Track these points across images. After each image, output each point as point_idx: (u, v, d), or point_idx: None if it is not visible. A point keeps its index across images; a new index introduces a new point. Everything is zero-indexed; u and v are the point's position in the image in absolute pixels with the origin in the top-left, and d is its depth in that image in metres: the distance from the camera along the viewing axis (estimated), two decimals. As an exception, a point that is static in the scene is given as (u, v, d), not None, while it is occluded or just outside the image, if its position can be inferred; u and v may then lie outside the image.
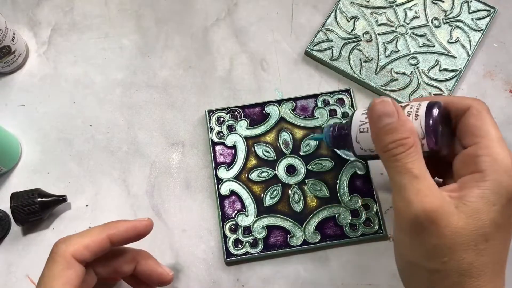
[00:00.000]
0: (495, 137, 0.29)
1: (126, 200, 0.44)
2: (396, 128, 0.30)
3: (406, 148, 0.29)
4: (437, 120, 0.31)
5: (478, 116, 0.31)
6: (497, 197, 0.28)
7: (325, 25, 0.49)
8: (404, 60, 0.47)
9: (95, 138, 0.46)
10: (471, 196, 0.28)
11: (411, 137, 0.29)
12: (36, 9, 0.52)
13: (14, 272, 0.41)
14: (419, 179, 0.28)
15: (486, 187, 0.28)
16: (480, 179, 0.28)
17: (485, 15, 0.49)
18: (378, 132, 0.31)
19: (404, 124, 0.30)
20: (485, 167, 0.28)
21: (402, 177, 0.29)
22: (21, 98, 0.48)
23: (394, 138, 0.30)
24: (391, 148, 0.30)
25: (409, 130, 0.30)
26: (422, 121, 0.31)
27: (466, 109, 0.31)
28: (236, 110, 0.46)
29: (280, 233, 0.41)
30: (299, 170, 0.43)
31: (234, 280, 0.41)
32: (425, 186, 0.28)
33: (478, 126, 0.30)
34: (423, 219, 0.28)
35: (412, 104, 0.32)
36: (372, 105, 0.32)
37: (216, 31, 0.50)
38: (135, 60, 0.49)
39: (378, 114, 0.31)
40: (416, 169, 0.29)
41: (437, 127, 0.31)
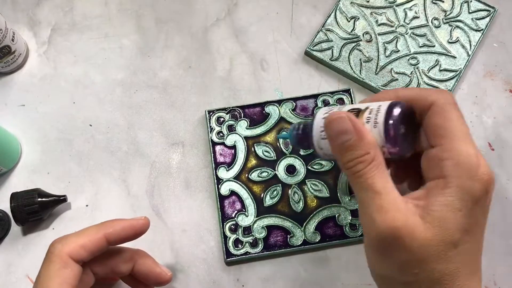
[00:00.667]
0: (458, 136, 0.28)
1: (126, 200, 0.44)
2: (354, 146, 0.29)
3: (366, 165, 0.29)
4: (397, 125, 0.29)
5: (441, 114, 0.29)
6: (462, 202, 0.27)
7: (325, 25, 0.49)
8: (404, 60, 0.47)
9: (95, 138, 0.46)
10: (436, 204, 0.27)
11: (370, 151, 0.29)
12: (36, 9, 0.52)
13: (14, 272, 0.41)
14: (380, 194, 0.28)
15: (450, 194, 0.27)
16: (444, 185, 0.28)
17: (485, 15, 0.49)
18: (337, 149, 0.30)
19: (362, 139, 0.29)
20: (448, 172, 0.28)
21: (364, 193, 0.29)
22: (21, 98, 0.48)
23: (352, 156, 0.29)
24: (350, 166, 0.29)
25: (367, 145, 0.29)
26: (381, 128, 0.29)
27: (429, 106, 0.30)
28: (236, 110, 0.46)
29: (280, 233, 0.41)
30: (299, 170, 0.43)
31: (234, 280, 0.41)
32: (387, 201, 0.28)
33: (440, 125, 0.29)
34: (388, 236, 0.27)
35: (372, 107, 0.31)
36: (327, 121, 0.31)
37: (216, 31, 0.50)
38: (135, 60, 0.49)
39: (334, 132, 0.30)
40: (377, 184, 0.28)
41: (397, 133, 0.29)
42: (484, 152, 0.44)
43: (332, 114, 0.31)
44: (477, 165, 0.27)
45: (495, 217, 0.42)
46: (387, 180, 0.28)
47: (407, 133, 0.30)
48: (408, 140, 0.30)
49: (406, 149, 0.30)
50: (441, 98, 0.30)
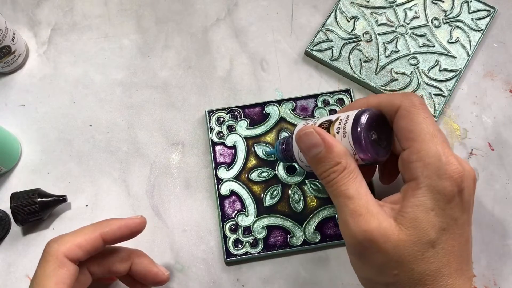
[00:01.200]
0: (425, 138, 0.29)
1: (126, 200, 0.44)
2: (324, 157, 0.30)
3: (338, 174, 0.30)
4: (364, 133, 0.30)
5: (407, 116, 0.30)
6: (433, 201, 0.28)
7: (325, 25, 0.49)
8: (404, 60, 0.47)
9: (95, 138, 0.46)
10: (408, 206, 0.28)
11: (341, 161, 0.30)
12: (36, 9, 0.52)
13: (14, 272, 0.41)
14: (353, 199, 0.29)
15: (421, 195, 0.28)
16: (415, 186, 0.28)
17: (485, 15, 0.49)
18: (310, 161, 0.32)
19: (331, 151, 0.30)
20: (418, 173, 0.28)
21: (338, 199, 0.30)
22: (21, 98, 0.48)
23: (325, 167, 0.30)
24: (324, 176, 0.31)
25: (337, 155, 0.30)
26: (350, 137, 0.31)
27: (396, 110, 0.31)
28: (236, 110, 0.46)
29: (280, 233, 0.41)
30: (299, 170, 0.43)
31: (234, 280, 0.41)
32: (360, 205, 0.29)
33: (407, 127, 0.30)
34: (362, 240, 0.28)
35: (342, 118, 0.32)
36: (297, 137, 0.32)
37: (216, 31, 0.50)
38: (135, 60, 0.49)
39: (305, 146, 0.32)
40: (350, 190, 0.29)
41: (365, 140, 0.30)
42: (484, 152, 0.45)
43: (301, 129, 0.32)
44: (445, 163, 0.28)
45: (495, 217, 0.42)
46: (360, 186, 0.29)
47: (380, 139, 0.31)
48: (380, 145, 0.31)
49: (378, 154, 0.31)
50: (406, 101, 0.31)
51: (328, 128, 0.32)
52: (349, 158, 0.30)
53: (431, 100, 0.45)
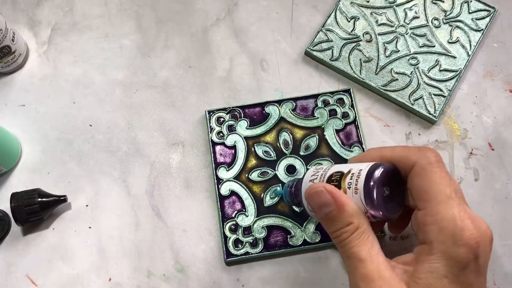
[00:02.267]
0: (441, 200, 0.28)
1: (126, 200, 0.44)
2: (336, 217, 0.29)
3: (349, 234, 0.29)
4: (377, 190, 0.29)
5: (422, 175, 0.29)
6: (448, 268, 0.27)
7: (325, 25, 0.49)
8: (404, 60, 0.47)
9: (95, 138, 0.46)
10: (421, 272, 0.27)
11: (353, 221, 0.29)
12: (36, 9, 0.52)
13: (14, 272, 0.41)
14: (364, 262, 0.28)
15: (435, 261, 0.27)
16: (429, 251, 0.28)
17: (485, 15, 0.49)
18: (321, 220, 0.31)
19: (343, 211, 0.29)
20: (432, 238, 0.28)
21: (349, 261, 0.29)
22: (21, 98, 0.48)
23: (336, 227, 0.30)
24: (336, 236, 0.30)
25: (349, 216, 0.29)
26: (362, 195, 0.29)
27: (411, 166, 0.30)
28: (236, 110, 0.46)
29: (280, 233, 0.41)
30: (299, 170, 0.43)
31: (234, 280, 0.41)
32: (372, 269, 0.28)
33: (422, 187, 0.29)
34: None
35: (354, 171, 0.30)
36: (307, 195, 0.31)
37: (216, 31, 0.50)
38: (135, 60, 0.49)
39: (315, 205, 0.31)
40: (362, 252, 0.28)
41: (378, 198, 0.29)
42: (484, 152, 0.44)
43: (311, 187, 0.31)
44: (461, 229, 0.27)
45: (495, 217, 0.42)
46: (372, 247, 0.29)
47: (392, 195, 0.30)
48: (393, 201, 0.30)
49: (390, 211, 0.30)
50: (422, 158, 0.29)
51: (339, 181, 0.31)
52: (361, 218, 0.29)
53: (431, 100, 0.45)
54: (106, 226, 0.43)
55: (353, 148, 0.44)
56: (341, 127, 0.45)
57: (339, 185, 0.31)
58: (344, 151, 0.44)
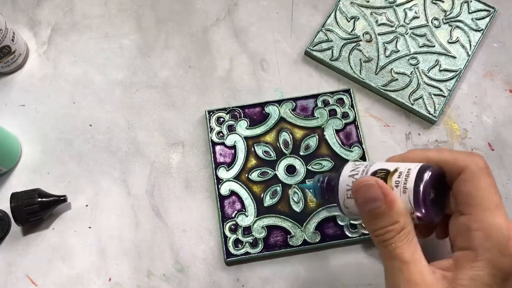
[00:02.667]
0: (489, 206, 0.27)
1: (126, 200, 0.44)
2: (382, 214, 0.28)
3: (394, 234, 0.28)
4: (427, 192, 0.28)
5: (472, 182, 0.28)
6: (492, 278, 0.26)
7: (325, 25, 0.49)
8: (404, 60, 0.47)
9: (95, 138, 0.46)
10: (463, 279, 0.27)
11: (400, 220, 0.28)
12: (36, 9, 0.52)
13: (14, 272, 0.41)
14: (408, 264, 0.27)
15: (479, 269, 0.26)
16: (472, 258, 0.27)
17: (485, 15, 0.49)
18: (365, 216, 0.30)
19: (392, 208, 0.28)
20: (477, 245, 0.27)
21: (392, 262, 0.28)
22: (21, 98, 0.48)
23: (381, 225, 0.29)
24: (379, 234, 0.29)
25: (396, 214, 0.28)
26: (411, 196, 0.29)
27: (460, 171, 0.29)
28: (236, 110, 0.46)
29: (280, 233, 0.41)
30: (299, 170, 0.43)
31: (234, 280, 0.41)
32: (415, 272, 0.27)
33: (470, 193, 0.28)
34: None
35: (401, 170, 0.30)
36: (355, 187, 0.30)
37: (216, 31, 0.50)
38: (135, 60, 0.49)
39: (363, 199, 0.29)
40: (406, 254, 0.28)
41: (427, 201, 0.28)
42: (484, 152, 0.44)
43: (361, 180, 0.30)
44: (508, 239, 0.26)
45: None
46: (415, 250, 0.28)
47: (437, 198, 0.29)
48: (438, 205, 0.30)
49: (436, 215, 0.29)
50: (472, 163, 0.29)
51: (385, 179, 0.30)
52: (408, 218, 0.29)
53: (431, 100, 0.45)
54: (106, 226, 0.43)
55: (353, 148, 0.44)
56: (341, 127, 0.45)
57: (385, 182, 0.30)
58: (344, 151, 0.44)
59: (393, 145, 0.45)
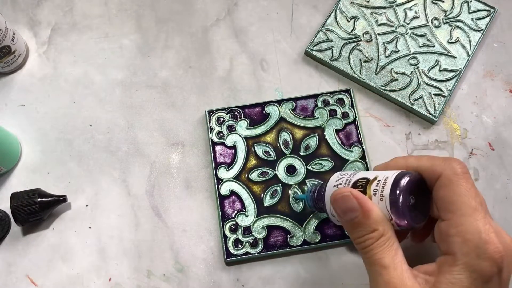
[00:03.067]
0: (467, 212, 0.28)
1: (126, 200, 0.44)
2: (360, 223, 0.29)
3: (374, 241, 0.29)
4: (402, 199, 0.29)
5: (448, 186, 0.29)
6: (470, 280, 0.27)
7: (325, 25, 0.49)
8: (404, 60, 0.47)
9: (95, 138, 0.46)
10: (443, 282, 0.27)
11: (378, 228, 0.29)
12: (36, 9, 0.52)
13: (14, 272, 0.41)
14: (388, 269, 0.28)
15: (458, 273, 0.27)
16: (452, 263, 0.27)
17: (485, 15, 0.49)
18: (345, 225, 0.31)
19: (368, 217, 0.29)
20: (456, 249, 0.27)
21: (372, 267, 0.29)
22: (21, 98, 0.48)
23: (361, 233, 0.30)
24: (359, 242, 0.30)
25: (374, 222, 0.29)
26: (387, 202, 0.29)
27: (437, 177, 0.30)
28: (236, 110, 0.46)
29: (280, 233, 0.41)
30: (299, 170, 0.43)
31: (234, 280, 0.41)
32: (395, 276, 0.28)
33: (447, 198, 0.29)
34: None
35: (380, 178, 0.30)
36: (332, 199, 0.31)
37: (216, 31, 0.50)
38: (135, 60, 0.49)
39: (340, 210, 0.31)
40: (386, 259, 0.28)
41: (403, 207, 0.29)
42: (484, 152, 0.44)
43: (337, 191, 0.31)
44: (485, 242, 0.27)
45: (495, 217, 0.42)
46: (396, 255, 0.29)
47: (417, 204, 0.30)
48: (418, 210, 0.30)
49: (415, 221, 0.30)
50: (448, 169, 0.29)
51: (365, 188, 0.31)
52: (386, 225, 0.29)
53: (431, 100, 0.45)
54: (106, 226, 0.43)
55: (353, 148, 0.44)
56: (341, 127, 0.45)
57: (365, 191, 0.31)
58: (344, 151, 0.44)
59: (393, 145, 0.45)
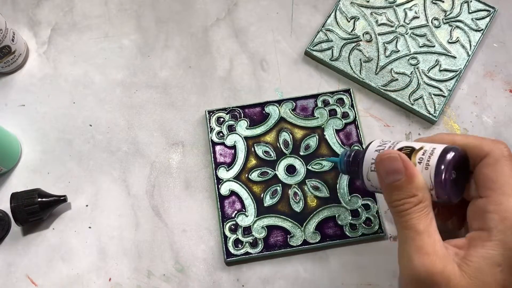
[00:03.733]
0: (508, 191, 0.28)
1: (126, 200, 0.44)
2: (402, 186, 0.30)
3: (412, 206, 0.29)
4: (448, 171, 0.29)
5: (494, 166, 0.29)
6: (503, 258, 0.27)
7: (325, 25, 0.49)
8: (404, 60, 0.47)
9: (95, 138, 0.46)
10: (474, 256, 0.27)
11: (418, 194, 0.29)
12: (36, 9, 0.52)
13: (14, 272, 0.41)
14: (421, 235, 0.28)
15: (491, 248, 0.27)
16: (486, 238, 0.28)
17: (485, 15, 0.49)
18: (385, 187, 0.31)
19: (412, 181, 0.29)
20: (492, 226, 0.28)
21: (405, 232, 0.29)
22: (21, 98, 0.48)
23: (400, 197, 0.30)
24: (397, 205, 0.30)
25: (415, 187, 0.29)
26: (432, 172, 0.30)
27: (483, 156, 0.30)
28: (236, 110, 0.46)
29: (280, 233, 0.41)
30: (299, 170, 0.43)
31: (234, 280, 0.41)
32: (428, 242, 0.28)
33: (491, 178, 0.29)
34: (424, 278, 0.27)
35: (426, 148, 0.31)
36: (378, 159, 0.31)
37: (216, 31, 0.50)
38: (135, 60, 0.49)
39: (384, 170, 0.30)
40: (421, 225, 0.28)
41: (447, 179, 0.29)
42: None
43: (385, 152, 0.31)
44: None
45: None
46: (430, 223, 0.29)
47: (457, 179, 0.30)
48: (457, 186, 0.30)
49: (454, 195, 0.30)
50: (496, 149, 0.29)
51: (410, 155, 0.31)
52: (426, 193, 0.29)
53: (431, 100, 0.45)
54: (106, 226, 0.43)
55: (353, 148, 0.44)
56: (341, 127, 0.45)
57: (409, 158, 0.31)
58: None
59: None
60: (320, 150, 0.44)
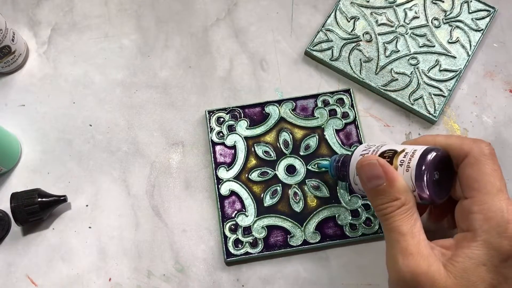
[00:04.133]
0: (491, 191, 0.28)
1: (126, 200, 0.44)
2: (384, 191, 0.30)
3: (395, 209, 0.29)
4: (428, 172, 0.29)
5: (475, 166, 0.29)
6: (488, 257, 0.27)
7: (325, 25, 0.49)
8: (404, 60, 0.47)
9: (95, 138, 0.46)
10: (460, 256, 0.28)
11: (400, 197, 0.29)
12: (36, 9, 0.52)
13: (14, 272, 0.41)
14: (405, 236, 0.28)
15: (476, 248, 0.27)
16: (471, 239, 0.28)
17: (485, 15, 0.49)
18: (368, 192, 0.31)
19: (393, 185, 0.30)
20: (477, 226, 0.28)
21: (391, 234, 0.29)
22: (21, 98, 0.48)
23: (383, 201, 0.30)
24: (381, 209, 0.30)
25: (397, 191, 0.30)
26: (413, 174, 0.30)
27: (464, 156, 0.30)
28: (236, 110, 0.46)
29: (280, 233, 0.41)
30: (299, 170, 0.43)
31: (234, 280, 0.41)
32: (412, 243, 0.28)
33: (474, 177, 0.29)
34: (409, 279, 0.28)
35: (407, 150, 0.31)
36: (358, 165, 0.32)
37: (216, 31, 0.50)
38: (135, 60, 0.49)
39: (365, 176, 0.31)
40: (404, 227, 0.29)
41: (428, 180, 0.29)
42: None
43: (364, 158, 0.32)
44: (507, 221, 0.27)
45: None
46: (414, 224, 0.29)
47: (441, 180, 0.30)
48: (441, 187, 0.30)
49: (436, 196, 0.30)
50: (475, 148, 0.30)
51: (392, 158, 0.31)
52: (409, 195, 0.30)
53: (431, 100, 0.45)
54: (106, 226, 0.43)
55: (353, 148, 0.44)
56: (341, 127, 0.45)
57: (391, 162, 0.31)
58: (344, 151, 0.44)
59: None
60: (320, 150, 0.44)
